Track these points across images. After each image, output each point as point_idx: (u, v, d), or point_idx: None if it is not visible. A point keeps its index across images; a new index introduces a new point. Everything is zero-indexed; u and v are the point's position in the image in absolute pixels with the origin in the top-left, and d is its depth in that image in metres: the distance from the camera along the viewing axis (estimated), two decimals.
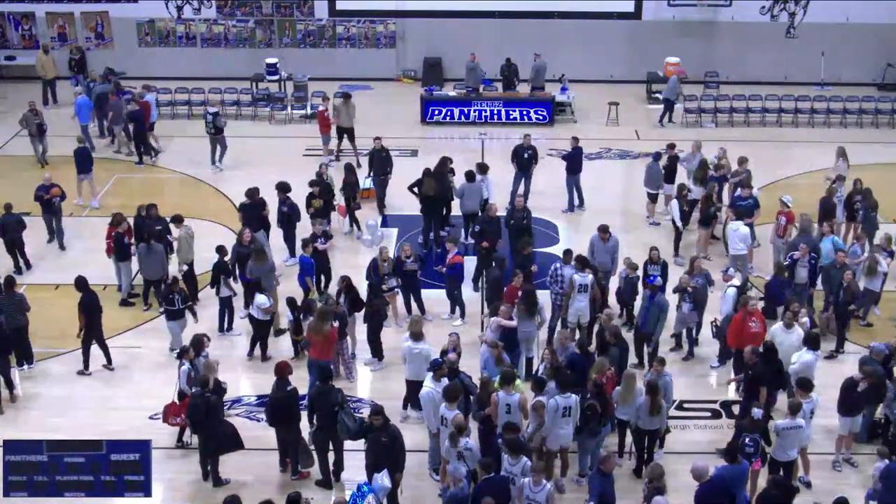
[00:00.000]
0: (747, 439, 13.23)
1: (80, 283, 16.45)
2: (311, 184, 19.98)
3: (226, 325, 17.62)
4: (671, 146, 21.72)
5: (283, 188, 19.59)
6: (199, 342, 14.84)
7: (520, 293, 16.08)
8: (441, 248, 19.73)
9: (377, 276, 17.18)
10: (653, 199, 21.54)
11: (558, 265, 17.06)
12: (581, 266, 16.74)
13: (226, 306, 17.59)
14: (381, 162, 21.73)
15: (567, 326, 16.64)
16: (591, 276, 16.70)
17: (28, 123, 23.78)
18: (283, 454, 14.28)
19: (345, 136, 24.45)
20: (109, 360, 16.77)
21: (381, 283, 17.17)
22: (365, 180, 22.10)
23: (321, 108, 24.79)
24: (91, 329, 16.45)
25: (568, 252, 17.30)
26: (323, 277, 18.49)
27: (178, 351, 14.35)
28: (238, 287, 17.74)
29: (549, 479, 13.77)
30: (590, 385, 13.95)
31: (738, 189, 19.86)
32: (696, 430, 15.39)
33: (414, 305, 18.06)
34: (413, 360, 14.97)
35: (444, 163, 20.76)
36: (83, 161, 22.14)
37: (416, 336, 14.93)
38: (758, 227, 20.07)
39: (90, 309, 16.33)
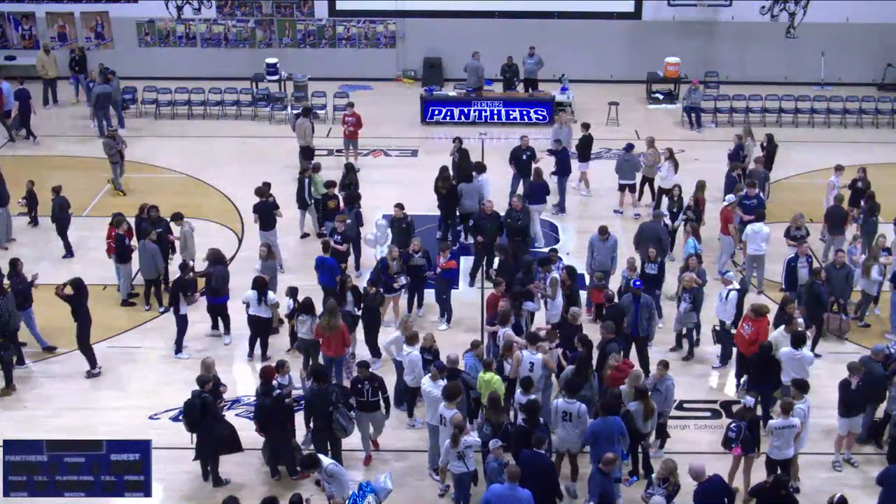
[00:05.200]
0: (732, 424, 13.33)
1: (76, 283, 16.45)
2: (328, 184, 20.04)
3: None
4: (585, 125, 22.68)
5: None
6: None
7: (501, 302, 15.91)
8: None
9: (387, 275, 17.15)
10: (631, 189, 21.75)
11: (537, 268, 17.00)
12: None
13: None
14: (400, 233, 18.76)
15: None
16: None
17: (108, 149, 22.68)
18: (275, 462, 14.20)
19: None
20: None
21: (393, 281, 17.13)
22: (384, 247, 18.99)
23: (345, 113, 24.48)
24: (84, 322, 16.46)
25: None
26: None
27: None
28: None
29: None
30: (608, 388, 13.88)
31: (745, 188, 19.75)
32: (696, 430, 15.36)
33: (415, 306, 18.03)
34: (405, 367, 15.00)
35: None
36: None
37: (410, 340, 14.90)
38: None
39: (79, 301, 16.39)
